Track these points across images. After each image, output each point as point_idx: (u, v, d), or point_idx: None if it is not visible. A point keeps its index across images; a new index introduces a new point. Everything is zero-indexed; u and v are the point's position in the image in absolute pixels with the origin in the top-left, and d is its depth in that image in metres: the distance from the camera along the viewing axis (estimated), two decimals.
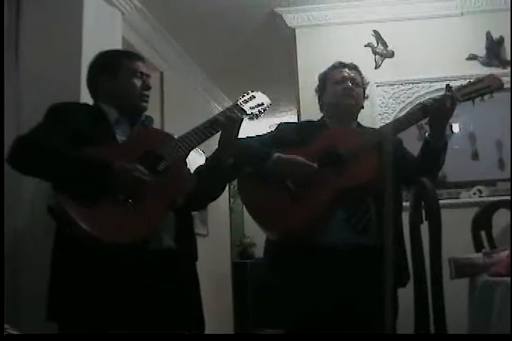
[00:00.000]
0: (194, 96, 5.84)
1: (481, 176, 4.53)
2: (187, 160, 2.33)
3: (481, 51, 4.31)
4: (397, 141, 2.59)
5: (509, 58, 4.27)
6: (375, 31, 4.48)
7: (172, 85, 5.11)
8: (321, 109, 2.69)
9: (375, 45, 4.47)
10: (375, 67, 4.43)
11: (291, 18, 4.58)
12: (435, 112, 2.38)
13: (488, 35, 4.31)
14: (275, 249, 2.47)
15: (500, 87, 2.43)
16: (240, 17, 4.67)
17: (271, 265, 2.52)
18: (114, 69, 2.30)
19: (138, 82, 2.30)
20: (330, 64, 2.71)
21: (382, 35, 4.47)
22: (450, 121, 2.47)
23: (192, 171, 2.33)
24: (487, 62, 4.29)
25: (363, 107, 2.66)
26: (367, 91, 2.71)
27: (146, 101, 2.32)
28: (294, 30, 4.64)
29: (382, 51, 4.45)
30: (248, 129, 2.81)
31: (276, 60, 5.26)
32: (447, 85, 2.44)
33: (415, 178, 2.20)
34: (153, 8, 4.37)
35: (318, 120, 2.67)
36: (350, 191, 2.32)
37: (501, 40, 4.29)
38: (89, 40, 3.06)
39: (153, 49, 4.80)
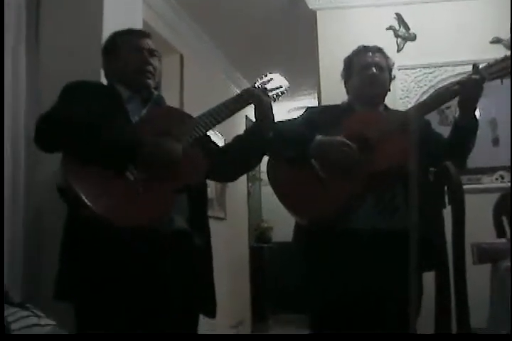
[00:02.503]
0: (214, 79, 5.83)
1: (503, 162, 4.48)
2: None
3: (505, 34, 4.24)
4: (425, 123, 2.57)
5: None
6: (397, 14, 4.43)
7: (192, 68, 5.10)
8: (348, 93, 2.67)
9: (397, 28, 4.43)
10: (397, 51, 4.39)
11: (313, 0, 4.54)
12: (464, 92, 2.35)
13: None
14: (305, 234, 2.46)
15: None
16: None
17: (300, 249, 2.51)
18: (113, 47, 2.34)
19: (137, 57, 2.28)
20: (351, 47, 2.69)
21: (404, 18, 4.42)
22: None
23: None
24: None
25: (389, 90, 2.64)
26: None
27: (149, 78, 2.29)
28: (315, 12, 4.59)
29: (404, 34, 4.40)
30: None
31: (297, 43, 5.22)
32: (474, 65, 2.41)
33: (444, 161, 2.18)
34: None
35: (344, 104, 2.65)
36: (380, 175, 2.31)
37: None
38: (110, 23, 3.04)
39: (174, 31, 4.79)
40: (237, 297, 5.96)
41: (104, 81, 2.47)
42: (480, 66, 2.39)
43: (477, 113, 2.46)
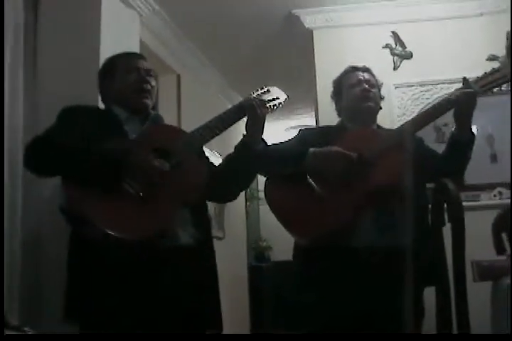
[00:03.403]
0: (211, 99, 5.84)
1: (501, 178, 4.48)
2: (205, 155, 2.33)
3: (501, 51, 4.26)
4: (418, 140, 2.58)
5: None
6: (393, 32, 4.45)
7: (189, 87, 5.12)
8: (339, 114, 2.67)
9: (394, 46, 4.44)
10: (394, 69, 4.40)
11: (309, 19, 4.56)
12: (458, 106, 2.38)
13: (508, 35, 4.25)
14: (304, 253, 2.45)
15: None
16: (257, 19, 4.66)
17: (300, 268, 2.50)
18: (110, 69, 2.38)
19: (134, 76, 2.31)
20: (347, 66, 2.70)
21: (400, 37, 4.44)
22: None
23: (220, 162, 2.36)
24: (507, 63, 4.24)
25: (381, 108, 2.65)
26: (383, 93, 2.70)
27: (146, 97, 2.31)
28: (311, 31, 4.61)
29: (400, 52, 4.42)
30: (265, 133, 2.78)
31: (294, 62, 5.24)
32: (464, 78, 2.43)
33: (442, 176, 2.18)
34: (172, 11, 4.37)
35: (338, 124, 2.66)
36: (377, 192, 2.31)
37: None
38: (107, 43, 3.07)
39: (171, 51, 4.81)
40: (236, 316, 5.92)
41: (101, 105, 2.48)
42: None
43: (474, 129, 2.47)
